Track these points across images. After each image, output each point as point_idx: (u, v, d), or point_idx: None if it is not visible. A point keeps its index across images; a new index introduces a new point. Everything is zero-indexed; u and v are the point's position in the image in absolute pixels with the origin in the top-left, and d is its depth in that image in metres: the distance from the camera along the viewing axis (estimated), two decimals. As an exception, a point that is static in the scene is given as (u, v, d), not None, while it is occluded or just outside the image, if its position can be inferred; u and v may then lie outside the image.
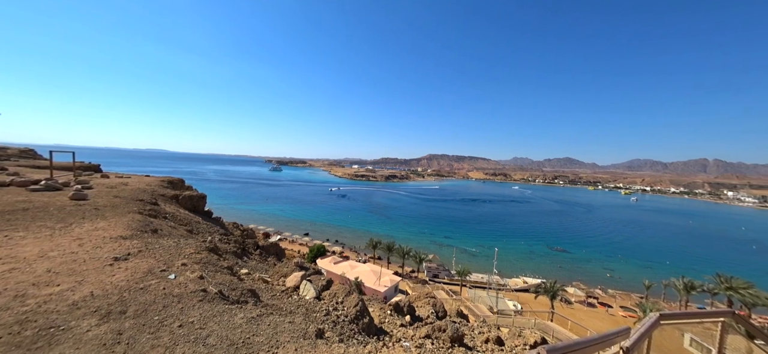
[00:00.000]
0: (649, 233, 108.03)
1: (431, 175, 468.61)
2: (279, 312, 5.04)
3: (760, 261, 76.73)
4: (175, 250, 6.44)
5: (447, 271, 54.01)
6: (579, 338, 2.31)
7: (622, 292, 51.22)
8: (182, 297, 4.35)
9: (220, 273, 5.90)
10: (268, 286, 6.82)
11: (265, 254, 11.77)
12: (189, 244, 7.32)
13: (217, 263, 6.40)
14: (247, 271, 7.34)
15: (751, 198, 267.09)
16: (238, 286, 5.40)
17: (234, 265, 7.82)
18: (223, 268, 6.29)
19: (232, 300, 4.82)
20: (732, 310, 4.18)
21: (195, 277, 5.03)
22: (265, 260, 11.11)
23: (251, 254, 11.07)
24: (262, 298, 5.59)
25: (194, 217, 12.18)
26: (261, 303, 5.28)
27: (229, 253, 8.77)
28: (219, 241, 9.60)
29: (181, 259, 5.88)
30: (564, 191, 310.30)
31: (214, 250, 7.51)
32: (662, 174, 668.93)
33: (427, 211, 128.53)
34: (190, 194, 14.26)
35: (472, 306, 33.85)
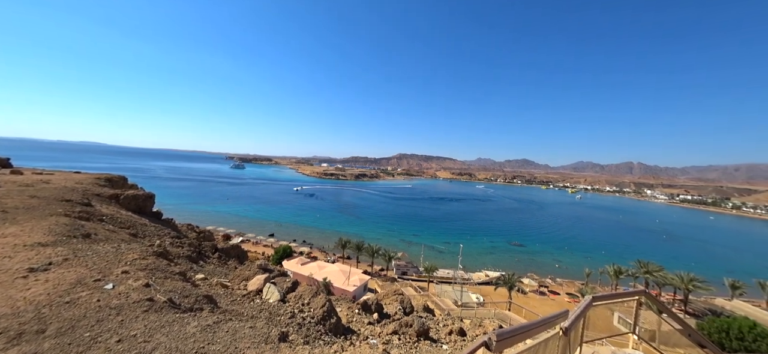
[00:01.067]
0: (590, 227, 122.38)
1: (401, 175, 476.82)
2: (239, 317, 4.74)
3: (669, 248, 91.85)
4: (114, 256, 5.69)
5: (415, 268, 55.44)
6: (526, 322, 2.57)
7: (567, 280, 57.26)
8: (122, 308, 3.87)
9: (170, 279, 5.36)
10: (228, 290, 6.37)
11: (224, 257, 10.97)
12: (132, 249, 6.53)
13: (167, 269, 5.80)
14: (203, 276, 6.78)
15: (663, 195, 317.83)
16: (193, 293, 4.96)
17: (188, 270, 7.16)
18: (175, 274, 5.73)
19: (184, 308, 4.41)
20: (644, 290, 4.95)
21: (139, 285, 4.50)
22: (224, 264, 10.35)
23: (209, 258, 10.24)
24: (220, 304, 5.20)
25: (140, 220, 10.90)
26: (219, 309, 4.91)
27: (182, 258, 8.01)
28: (170, 244, 8.71)
29: (122, 267, 5.22)
30: (521, 190, 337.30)
31: (163, 254, 6.80)
32: (600, 175, 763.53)
33: (396, 210, 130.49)
34: (134, 194, 12.71)
35: (438, 300, 35.22)
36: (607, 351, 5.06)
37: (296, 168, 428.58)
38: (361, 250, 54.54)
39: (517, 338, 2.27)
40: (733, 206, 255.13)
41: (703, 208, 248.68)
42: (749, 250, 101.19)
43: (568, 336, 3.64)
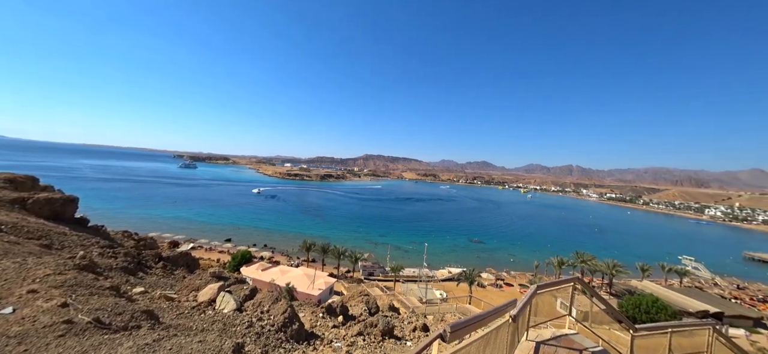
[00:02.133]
0: (538, 223, 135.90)
1: (367, 175, 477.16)
2: (186, 332, 4.29)
3: (599, 239, 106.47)
4: (15, 274, 4.72)
5: (382, 268, 55.86)
6: (478, 312, 2.79)
7: (520, 272, 62.76)
8: (27, 336, 3.21)
9: (99, 296, 4.63)
10: (174, 303, 5.73)
11: (171, 267, 9.85)
12: (44, 263, 5.50)
13: (93, 285, 5.00)
14: (142, 290, 5.99)
15: (595, 194, 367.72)
16: (128, 309, 4.35)
17: (122, 283, 6.27)
18: (104, 289, 4.96)
19: (116, 327, 3.84)
20: (578, 277, 5.68)
21: (53, 306, 3.80)
22: (170, 274, 9.29)
23: (151, 268, 9.09)
24: (163, 319, 4.65)
25: (56, 228, 9.23)
26: (161, 325, 4.39)
27: (115, 270, 6.98)
28: (99, 255, 7.53)
29: (28, 285, 4.35)
30: (481, 190, 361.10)
31: (89, 267, 5.85)
32: (547, 176, 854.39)
33: (363, 211, 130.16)
34: (48, 197, 10.72)
35: (404, 299, 35.98)
36: (549, 332, 5.69)
37: (257, 168, 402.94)
38: (326, 253, 53.24)
39: (470, 328, 2.44)
40: (643, 202, 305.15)
41: (622, 205, 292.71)
42: (653, 238, 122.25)
43: (516, 322, 4.01)
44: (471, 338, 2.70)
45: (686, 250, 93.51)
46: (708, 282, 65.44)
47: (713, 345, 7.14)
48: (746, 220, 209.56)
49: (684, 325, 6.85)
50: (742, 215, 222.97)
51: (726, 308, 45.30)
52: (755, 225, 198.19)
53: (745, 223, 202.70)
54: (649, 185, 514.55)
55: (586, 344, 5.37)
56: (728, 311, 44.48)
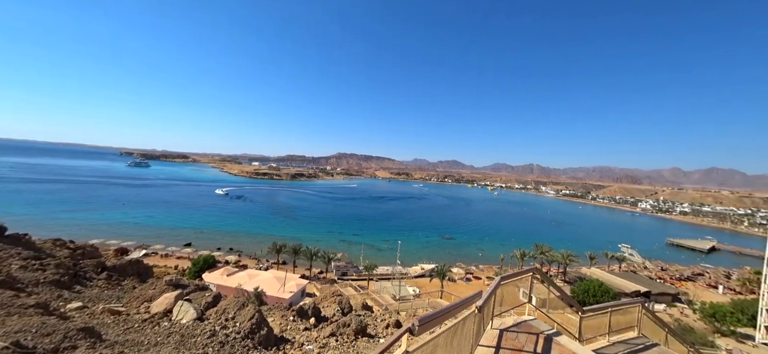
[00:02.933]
0: (504, 219, 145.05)
1: (340, 174, 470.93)
2: (136, 348, 3.87)
3: (557, 232, 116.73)
4: None
5: (355, 268, 55.58)
6: (446, 305, 2.93)
7: (487, 266, 66.48)
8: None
9: (19, 316, 3.98)
10: (121, 317, 5.14)
11: (117, 277, 8.82)
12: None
13: (12, 303, 4.29)
14: (80, 305, 5.28)
15: (552, 191, 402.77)
16: (59, 329, 3.80)
17: (52, 299, 5.47)
18: (27, 307, 4.28)
19: (43, 351, 3.34)
20: (536, 267, 6.18)
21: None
22: (117, 285, 8.32)
23: (91, 280, 8.05)
24: (107, 337, 4.14)
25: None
26: (105, 343, 3.91)
27: (43, 284, 6.06)
28: (19, 269, 6.48)
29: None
30: (451, 188, 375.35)
31: (5, 283, 5.01)
32: (511, 174, 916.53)
33: (336, 211, 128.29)
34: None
35: (377, 297, 36.19)
36: (511, 320, 6.13)
37: (221, 167, 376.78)
38: (298, 254, 51.58)
39: (437, 321, 2.54)
40: (592, 197, 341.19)
41: (575, 200, 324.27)
42: (599, 229, 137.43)
43: (482, 312, 4.25)
44: (439, 330, 2.81)
45: (624, 238, 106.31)
46: (640, 266, 75.05)
47: (641, 319, 8.23)
48: (668, 212, 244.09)
49: (620, 304, 7.79)
50: (665, 207, 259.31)
51: (652, 287, 52.52)
52: (674, 215, 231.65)
53: (667, 214, 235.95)
54: (596, 182, 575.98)
55: (543, 328, 5.87)
56: (654, 290, 51.60)
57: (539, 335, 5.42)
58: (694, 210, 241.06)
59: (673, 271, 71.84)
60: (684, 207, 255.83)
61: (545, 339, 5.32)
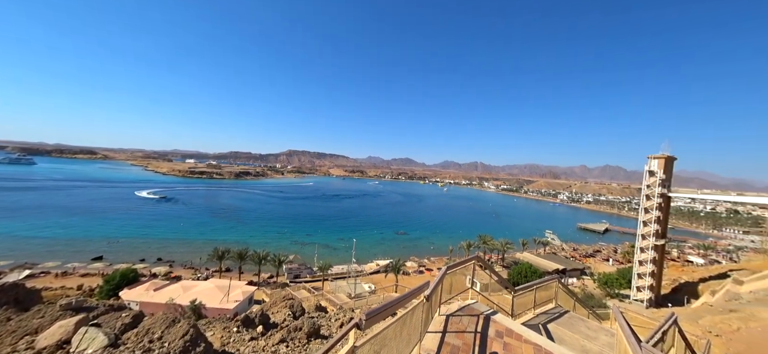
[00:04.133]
0: (452, 213, 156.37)
1: (292, 172, 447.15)
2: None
3: (497, 223, 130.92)
4: None
5: (309, 269, 53.62)
6: (395, 297, 3.06)
7: (438, 257, 70.92)
8: None
9: None
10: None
11: (-13, 306, 6.83)
12: None
13: None
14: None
15: (493, 186, 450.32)
16: None
17: None
18: None
19: None
20: (477, 255, 6.87)
21: None
22: (-14, 317, 6.44)
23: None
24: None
25: None
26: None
27: None
28: None
29: None
30: (405, 185, 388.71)
31: None
32: (459, 171, 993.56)
33: (287, 211, 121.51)
34: None
35: (332, 297, 35.55)
36: (456, 305, 6.69)
37: (145, 164, 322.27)
38: (244, 259, 47.38)
39: (385, 313, 2.64)
40: (524, 191, 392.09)
41: (511, 194, 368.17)
42: (530, 218, 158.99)
43: (430, 301, 4.55)
44: (388, 322, 2.93)
45: (548, 225, 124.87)
46: (559, 248, 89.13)
47: (558, 292, 9.82)
48: (578, 202, 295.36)
49: (542, 281, 9.15)
50: (576, 198, 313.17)
51: (567, 265, 63.06)
52: (582, 204, 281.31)
53: (577, 204, 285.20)
54: (527, 178, 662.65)
55: (483, 309, 6.55)
56: (568, 267, 62.02)
57: (480, 316, 6.04)
58: (595, 199, 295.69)
59: (581, 250, 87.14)
60: (588, 197, 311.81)
61: (484, 318, 5.96)
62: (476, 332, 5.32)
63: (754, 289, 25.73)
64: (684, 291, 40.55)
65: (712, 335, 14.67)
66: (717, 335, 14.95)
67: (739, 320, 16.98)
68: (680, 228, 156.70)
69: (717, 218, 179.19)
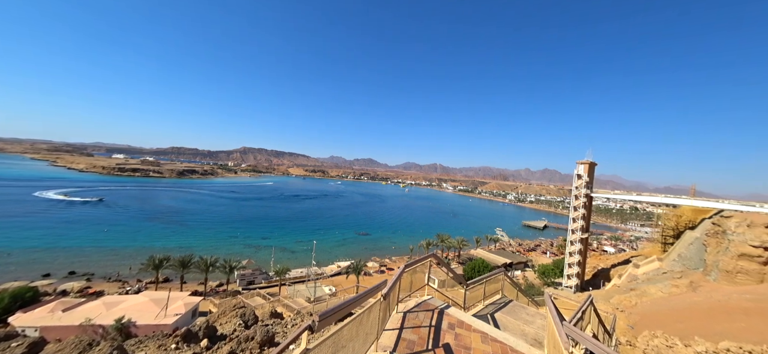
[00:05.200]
0: (413, 213, 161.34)
1: (246, 171, 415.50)
2: None
3: (454, 222, 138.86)
4: None
5: (265, 274, 50.37)
6: (352, 296, 3.08)
7: (399, 257, 72.48)
8: None
9: None
10: None
11: None
12: None
13: None
14: None
15: (451, 187, 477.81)
16: None
17: None
18: None
19: None
20: (434, 254, 7.24)
21: None
22: None
23: None
24: None
25: None
26: None
27: None
28: None
29: None
30: (367, 185, 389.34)
31: None
32: (419, 172, 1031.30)
33: (240, 212, 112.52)
34: None
35: (290, 302, 33.87)
36: (414, 301, 6.96)
37: (52, 159, 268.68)
38: (187, 267, 42.42)
39: (340, 313, 2.64)
40: (478, 192, 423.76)
41: (467, 194, 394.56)
42: (483, 217, 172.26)
43: (387, 299, 4.65)
44: (345, 321, 2.92)
45: (498, 223, 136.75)
46: (507, 244, 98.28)
47: (504, 284, 10.83)
48: (523, 201, 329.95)
49: (490, 275, 10.01)
50: (522, 198, 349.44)
51: (513, 259, 69.84)
52: (527, 204, 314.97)
53: (523, 203, 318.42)
54: (481, 179, 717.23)
55: (438, 304, 6.92)
56: (514, 260, 68.72)
57: (435, 310, 6.36)
58: (536, 199, 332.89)
59: (525, 245, 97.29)
60: (531, 197, 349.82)
61: (439, 312, 6.30)
62: (431, 326, 5.60)
63: (646, 271, 31.68)
64: (601, 276, 48.03)
65: (618, 311, 17.65)
66: (621, 310, 18.04)
67: (636, 297, 20.73)
68: (598, 223, 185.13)
69: (623, 214, 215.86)
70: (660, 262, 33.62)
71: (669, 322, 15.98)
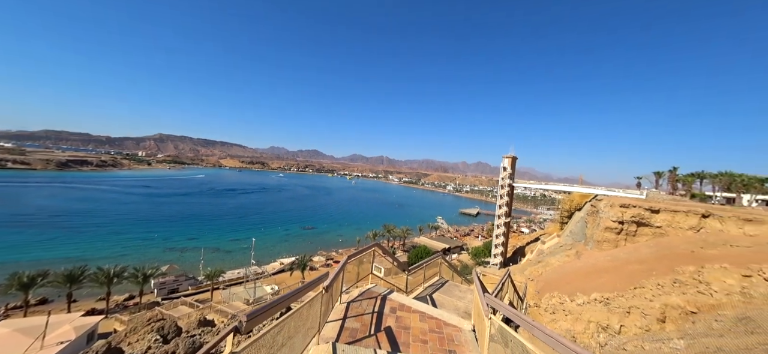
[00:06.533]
0: (360, 205, 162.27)
1: (164, 161, 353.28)
2: None
3: (400, 212, 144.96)
4: None
5: (193, 280, 44.23)
6: (289, 292, 2.92)
7: (346, 249, 72.26)
8: None
9: None
10: None
11: None
12: None
13: None
14: None
15: (397, 179, 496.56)
16: None
17: None
18: None
19: None
20: (377, 243, 7.45)
21: None
22: None
23: None
24: None
25: None
26: None
27: None
28: None
29: None
30: (313, 178, 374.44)
31: None
32: (366, 165, 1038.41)
33: (157, 211, 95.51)
34: None
35: (225, 307, 30.63)
36: (358, 291, 7.07)
37: None
38: (77, 282, 34.01)
39: (273, 311, 2.49)
40: (422, 183, 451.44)
41: (411, 186, 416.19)
42: (426, 206, 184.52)
43: (329, 291, 4.60)
44: (282, 318, 2.78)
45: (439, 212, 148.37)
46: (446, 230, 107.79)
47: (442, 267, 11.89)
48: (460, 191, 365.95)
49: (430, 259, 10.86)
50: (459, 188, 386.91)
51: (451, 244, 77.11)
52: (463, 194, 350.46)
53: (460, 193, 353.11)
54: (424, 171, 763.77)
55: (381, 291, 7.18)
56: (452, 245, 75.93)
57: (377, 297, 6.58)
58: (471, 189, 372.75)
59: (461, 231, 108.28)
60: (467, 188, 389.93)
61: (381, 299, 6.54)
62: (374, 312, 5.79)
63: (549, 246, 39.04)
64: (519, 253, 57.07)
65: (529, 280, 21.33)
66: (531, 279, 21.87)
67: (542, 267, 25.39)
68: (518, 208, 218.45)
69: (536, 200, 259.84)
70: (558, 237, 41.78)
71: (562, 285, 20.07)
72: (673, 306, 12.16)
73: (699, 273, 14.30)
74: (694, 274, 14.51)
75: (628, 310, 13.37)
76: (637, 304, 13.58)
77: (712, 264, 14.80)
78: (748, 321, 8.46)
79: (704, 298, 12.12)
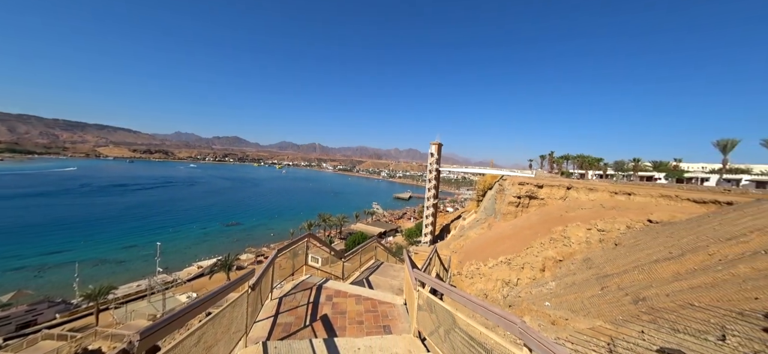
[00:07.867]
0: (293, 195, 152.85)
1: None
2: None
3: (335, 200, 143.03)
4: None
5: (62, 304, 34.08)
6: (206, 294, 2.55)
7: (279, 243, 67.50)
8: None
9: None
10: None
11: None
12: None
13: None
14: None
15: (331, 167, 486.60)
16: None
17: None
18: None
19: None
20: (310, 233, 7.24)
21: None
22: None
23: None
24: None
25: None
26: None
27: None
28: None
29: None
30: (234, 168, 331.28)
31: None
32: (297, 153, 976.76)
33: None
34: None
35: (119, 329, 24.79)
36: (291, 284, 6.77)
37: None
38: None
39: (184, 319, 2.15)
40: (356, 171, 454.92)
41: (346, 173, 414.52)
42: (361, 193, 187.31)
43: (257, 289, 4.25)
44: (195, 326, 2.42)
45: (374, 198, 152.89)
46: (382, 215, 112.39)
47: (377, 250, 12.42)
48: (393, 177, 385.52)
49: (365, 244, 11.19)
50: (393, 174, 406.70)
51: (387, 227, 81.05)
52: (396, 179, 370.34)
53: (393, 179, 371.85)
54: (358, 158, 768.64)
55: (316, 281, 7.05)
56: (387, 229, 79.91)
57: (313, 287, 6.45)
58: (404, 175, 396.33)
59: (395, 214, 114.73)
60: (400, 173, 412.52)
61: (317, 288, 6.44)
62: (309, 303, 5.66)
63: (469, 222, 45.59)
64: (445, 230, 64.49)
65: (453, 253, 24.48)
66: (455, 252, 25.16)
67: (463, 240, 29.47)
68: (444, 190, 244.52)
69: (458, 182, 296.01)
70: (476, 214, 49.04)
71: (478, 253, 23.80)
72: (548, 258, 15.95)
73: (564, 231, 19.09)
74: (561, 232, 19.30)
75: (522, 266, 16.88)
76: (528, 260, 17.28)
77: (572, 223, 19.99)
78: (589, 261, 11.84)
79: (567, 248, 16.29)
